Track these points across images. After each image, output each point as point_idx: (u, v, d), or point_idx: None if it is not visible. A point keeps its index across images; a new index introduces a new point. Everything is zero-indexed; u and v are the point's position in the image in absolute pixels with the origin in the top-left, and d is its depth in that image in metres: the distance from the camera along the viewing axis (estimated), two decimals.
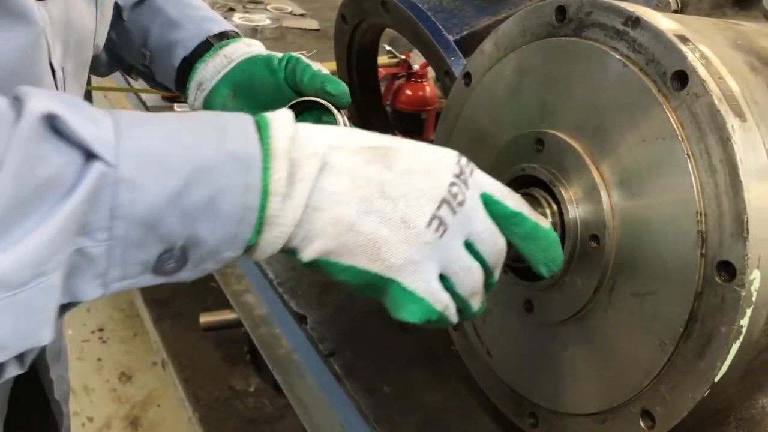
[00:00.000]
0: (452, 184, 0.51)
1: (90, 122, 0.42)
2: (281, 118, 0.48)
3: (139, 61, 0.87)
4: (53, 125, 0.40)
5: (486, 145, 0.73)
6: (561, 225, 0.63)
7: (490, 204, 0.54)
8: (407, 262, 0.49)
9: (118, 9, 0.85)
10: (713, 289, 0.54)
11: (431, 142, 0.71)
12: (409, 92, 1.39)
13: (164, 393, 2.29)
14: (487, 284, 0.55)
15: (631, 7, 0.60)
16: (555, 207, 0.64)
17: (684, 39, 0.56)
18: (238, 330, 1.68)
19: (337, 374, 0.84)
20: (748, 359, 0.55)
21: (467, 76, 0.76)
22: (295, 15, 2.19)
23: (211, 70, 0.80)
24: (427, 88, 1.39)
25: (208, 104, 0.80)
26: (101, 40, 0.71)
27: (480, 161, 0.71)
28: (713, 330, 0.54)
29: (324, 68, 0.77)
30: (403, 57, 1.41)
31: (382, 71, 1.37)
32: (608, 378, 0.62)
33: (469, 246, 0.52)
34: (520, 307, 0.68)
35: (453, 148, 0.73)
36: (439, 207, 0.50)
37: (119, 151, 0.42)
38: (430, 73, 1.40)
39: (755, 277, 0.52)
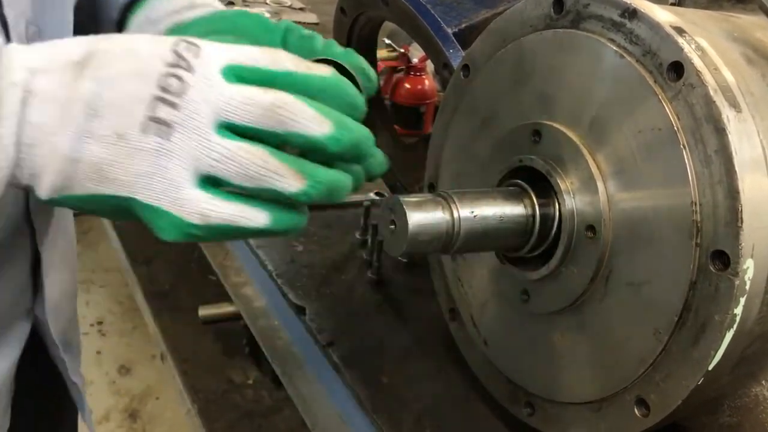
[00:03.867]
0: (166, 75, 0.45)
1: None
2: None
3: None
4: None
5: (484, 136, 0.74)
6: (558, 215, 0.64)
7: (242, 74, 0.47)
8: (137, 177, 0.45)
9: None
10: (707, 278, 0.54)
11: (430, 135, 0.72)
12: (408, 86, 1.39)
13: (163, 385, 2.30)
14: (299, 144, 0.47)
15: None
16: (552, 198, 0.64)
17: (680, 31, 0.57)
18: (237, 323, 1.68)
19: (335, 365, 0.84)
20: (742, 348, 0.55)
21: (465, 68, 0.77)
22: (294, 9, 2.19)
23: (166, 5, 0.66)
24: (426, 82, 1.39)
25: None
26: None
27: (478, 152, 0.71)
28: (707, 319, 0.54)
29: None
30: (402, 50, 1.42)
31: (381, 64, 1.37)
32: (603, 366, 0.63)
33: (227, 127, 0.46)
34: (517, 297, 0.69)
35: (451, 140, 0.74)
36: (152, 107, 0.45)
37: None
38: (429, 66, 1.40)
39: (749, 266, 0.52)
